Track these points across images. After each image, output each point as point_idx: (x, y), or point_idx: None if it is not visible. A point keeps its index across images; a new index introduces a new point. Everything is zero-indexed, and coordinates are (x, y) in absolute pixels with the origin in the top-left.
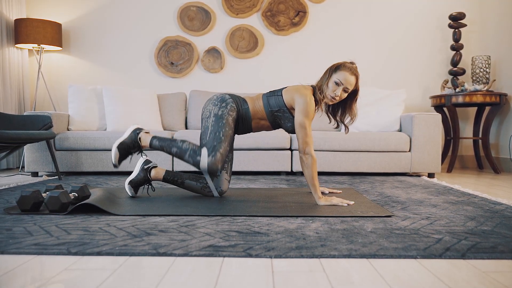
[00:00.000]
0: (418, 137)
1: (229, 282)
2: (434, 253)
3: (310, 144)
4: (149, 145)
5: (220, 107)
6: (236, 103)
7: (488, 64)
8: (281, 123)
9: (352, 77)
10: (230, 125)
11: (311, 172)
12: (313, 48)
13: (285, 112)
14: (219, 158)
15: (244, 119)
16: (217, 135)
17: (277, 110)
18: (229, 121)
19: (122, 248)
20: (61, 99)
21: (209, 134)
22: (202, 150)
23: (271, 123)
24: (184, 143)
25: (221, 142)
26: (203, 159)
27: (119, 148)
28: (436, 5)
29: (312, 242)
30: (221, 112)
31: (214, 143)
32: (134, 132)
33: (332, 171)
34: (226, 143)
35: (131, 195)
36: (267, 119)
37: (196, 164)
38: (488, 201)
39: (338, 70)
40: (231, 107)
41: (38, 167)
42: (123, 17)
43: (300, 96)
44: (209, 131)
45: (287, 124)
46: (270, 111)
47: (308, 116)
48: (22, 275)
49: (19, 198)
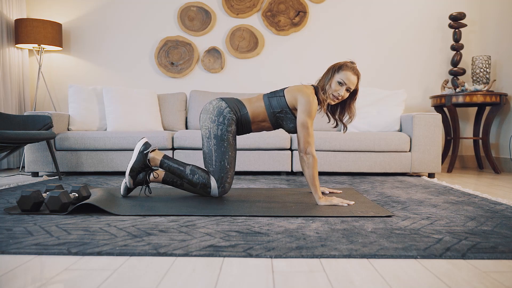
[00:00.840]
0: (418, 137)
1: (229, 282)
2: (434, 253)
3: (312, 144)
4: (160, 166)
5: (218, 124)
6: (234, 112)
7: (488, 64)
8: (282, 124)
9: (354, 76)
10: (232, 144)
11: (312, 172)
12: (313, 48)
13: (288, 113)
14: (227, 188)
15: (244, 124)
16: (223, 165)
17: (280, 111)
18: (230, 141)
19: (122, 248)
20: (61, 99)
21: (214, 162)
22: (212, 183)
23: (272, 124)
24: (194, 176)
25: (228, 172)
26: (213, 192)
27: (132, 176)
28: (436, 5)
29: (312, 242)
30: (220, 132)
31: (221, 174)
32: (142, 154)
33: (332, 171)
34: (232, 169)
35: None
36: (269, 121)
37: (208, 194)
38: (489, 201)
39: (341, 70)
40: (229, 121)
41: (39, 167)
42: (124, 17)
43: (303, 96)
44: (214, 158)
45: (289, 124)
46: (272, 112)
47: (310, 116)
48: (22, 275)
49: (20, 198)
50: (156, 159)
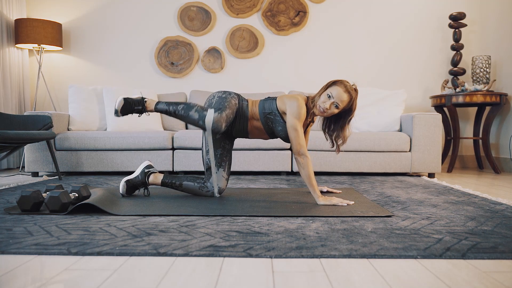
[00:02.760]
0: (418, 137)
1: (230, 282)
2: (434, 253)
3: (303, 145)
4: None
5: (224, 93)
6: (238, 97)
7: (488, 64)
8: (273, 127)
9: (345, 94)
10: (232, 105)
11: (307, 172)
12: (313, 48)
13: (276, 115)
14: (224, 117)
15: (242, 116)
16: (222, 102)
17: (269, 112)
18: (231, 102)
19: (122, 248)
20: (61, 99)
21: (214, 103)
22: (209, 109)
23: (263, 126)
24: (191, 103)
25: (226, 108)
26: (209, 115)
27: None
28: (437, 5)
29: (312, 242)
30: (225, 95)
31: (220, 106)
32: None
33: (332, 171)
34: (230, 111)
35: (121, 193)
36: (260, 120)
37: (202, 118)
38: (489, 201)
39: (334, 85)
40: (234, 96)
41: (39, 167)
42: (124, 17)
43: (292, 100)
44: (214, 101)
45: (277, 127)
46: (263, 113)
47: (299, 118)
48: (22, 275)
49: (20, 198)
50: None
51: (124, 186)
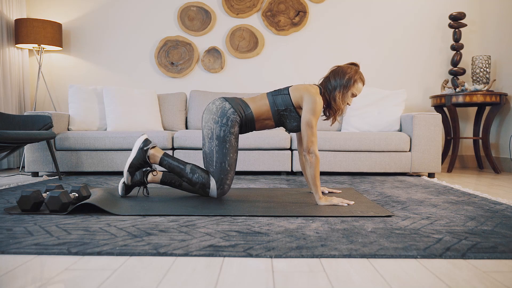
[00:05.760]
0: (418, 137)
1: (230, 282)
2: (434, 253)
3: (315, 143)
4: (159, 163)
5: (221, 125)
6: (238, 113)
7: (488, 64)
8: (285, 122)
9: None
10: (234, 146)
11: (314, 172)
12: (313, 48)
13: (292, 111)
14: (226, 189)
15: (248, 123)
16: (224, 166)
17: (284, 109)
18: (232, 142)
19: (122, 248)
20: (61, 99)
21: (215, 164)
22: (211, 183)
23: (275, 122)
24: (194, 175)
25: (228, 173)
26: (212, 193)
27: (130, 172)
28: (436, 5)
29: (312, 242)
30: (223, 133)
31: (221, 176)
32: (141, 150)
33: (332, 171)
34: (233, 171)
35: (120, 195)
36: (273, 119)
37: (206, 195)
38: (488, 201)
39: (356, 83)
40: (233, 122)
41: (39, 167)
42: (124, 17)
43: (310, 95)
44: (215, 159)
45: (292, 123)
46: (276, 110)
47: (315, 115)
48: (22, 275)
49: (20, 198)
50: (156, 156)
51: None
